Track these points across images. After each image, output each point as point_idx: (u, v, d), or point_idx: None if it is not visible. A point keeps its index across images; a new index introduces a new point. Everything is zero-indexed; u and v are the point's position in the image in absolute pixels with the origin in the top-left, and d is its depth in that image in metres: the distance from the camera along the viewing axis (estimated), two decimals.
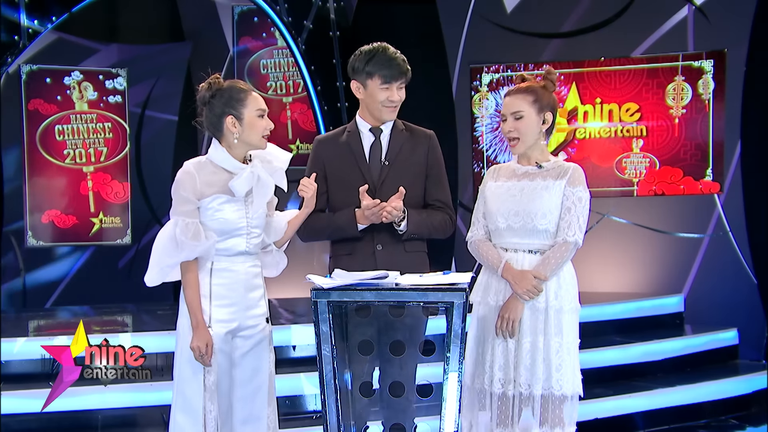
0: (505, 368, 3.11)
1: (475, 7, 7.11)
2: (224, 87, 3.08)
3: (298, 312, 6.03)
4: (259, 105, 3.08)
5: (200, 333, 2.99)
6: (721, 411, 5.32)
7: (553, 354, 3.09)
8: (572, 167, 3.18)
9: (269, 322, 3.18)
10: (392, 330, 3.09)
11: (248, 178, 3.05)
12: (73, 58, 7.85)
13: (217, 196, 3.03)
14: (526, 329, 3.11)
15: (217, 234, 3.04)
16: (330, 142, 3.40)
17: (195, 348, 2.98)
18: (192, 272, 3.03)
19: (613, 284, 6.72)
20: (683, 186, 6.59)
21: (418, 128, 3.40)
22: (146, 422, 4.45)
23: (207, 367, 3.00)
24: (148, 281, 3.10)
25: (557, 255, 3.10)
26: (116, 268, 7.82)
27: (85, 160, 7.84)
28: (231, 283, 3.07)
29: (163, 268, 3.05)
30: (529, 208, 3.12)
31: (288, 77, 8.21)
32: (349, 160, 3.31)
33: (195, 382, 3.01)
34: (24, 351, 4.65)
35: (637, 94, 6.74)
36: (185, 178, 3.03)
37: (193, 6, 8.26)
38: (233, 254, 3.07)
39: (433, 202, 3.33)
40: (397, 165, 3.29)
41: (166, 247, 3.01)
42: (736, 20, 6.34)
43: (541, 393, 3.07)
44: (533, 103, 3.18)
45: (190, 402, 3.01)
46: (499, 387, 3.11)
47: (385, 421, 3.11)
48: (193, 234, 2.99)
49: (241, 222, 3.06)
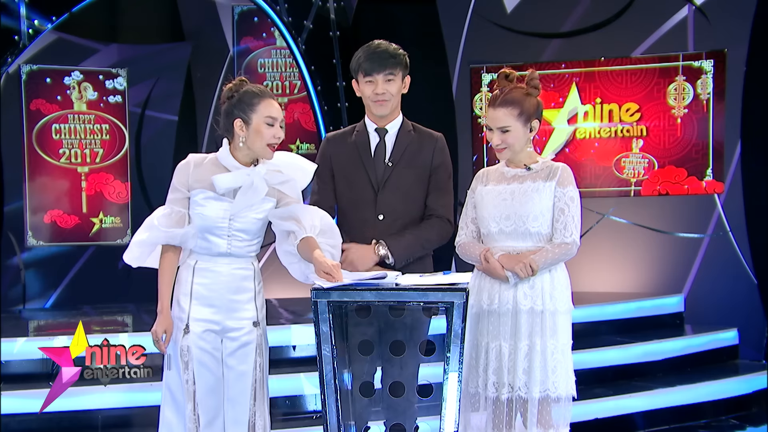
0: (498, 372, 3.11)
1: (475, 7, 7.11)
2: (243, 89, 3.10)
3: (298, 312, 6.03)
4: (270, 113, 3.06)
5: (161, 318, 3.02)
6: (721, 411, 5.32)
7: (549, 356, 3.08)
8: (561, 167, 3.17)
9: (258, 326, 3.13)
10: (393, 330, 3.10)
11: (235, 178, 3.05)
12: (73, 58, 7.84)
13: (202, 190, 3.06)
14: (523, 332, 3.09)
15: (198, 229, 3.06)
16: (338, 140, 3.39)
17: (153, 332, 3.02)
18: (167, 255, 3.06)
19: (613, 284, 6.72)
20: (687, 186, 6.59)
21: (426, 130, 3.38)
22: (146, 422, 4.44)
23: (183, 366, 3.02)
24: (126, 258, 3.13)
25: (555, 251, 3.09)
26: (116, 268, 7.79)
27: (80, 160, 7.83)
28: (211, 284, 3.07)
29: (139, 246, 3.08)
30: (520, 211, 3.12)
31: (285, 77, 8.21)
32: (355, 159, 3.31)
33: (178, 379, 3.06)
34: (24, 351, 4.65)
35: (637, 94, 6.74)
36: (181, 168, 3.11)
37: (193, 6, 8.25)
38: (214, 254, 3.08)
39: (431, 210, 3.30)
40: (400, 166, 3.28)
41: (145, 225, 3.08)
42: (736, 20, 6.34)
43: (538, 396, 3.07)
44: (519, 116, 3.13)
45: (174, 397, 3.07)
46: (493, 391, 3.11)
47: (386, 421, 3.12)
48: (176, 221, 3.04)
49: (221, 222, 3.05)
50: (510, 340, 3.10)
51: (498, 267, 3.10)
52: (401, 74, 3.28)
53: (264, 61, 8.22)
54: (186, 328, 3.05)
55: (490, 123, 3.18)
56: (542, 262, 3.08)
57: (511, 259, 3.10)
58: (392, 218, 3.26)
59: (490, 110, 3.20)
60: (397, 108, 3.34)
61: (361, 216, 3.28)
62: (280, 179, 3.12)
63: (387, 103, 3.27)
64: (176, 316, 3.08)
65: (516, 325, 3.10)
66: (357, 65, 3.27)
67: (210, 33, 8.22)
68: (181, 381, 3.04)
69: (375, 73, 3.23)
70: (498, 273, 3.11)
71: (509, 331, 3.11)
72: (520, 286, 3.11)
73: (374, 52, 3.24)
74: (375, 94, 3.25)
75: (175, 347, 3.06)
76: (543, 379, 3.07)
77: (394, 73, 3.24)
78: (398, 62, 3.25)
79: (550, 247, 3.10)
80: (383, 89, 3.24)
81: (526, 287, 3.11)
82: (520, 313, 3.10)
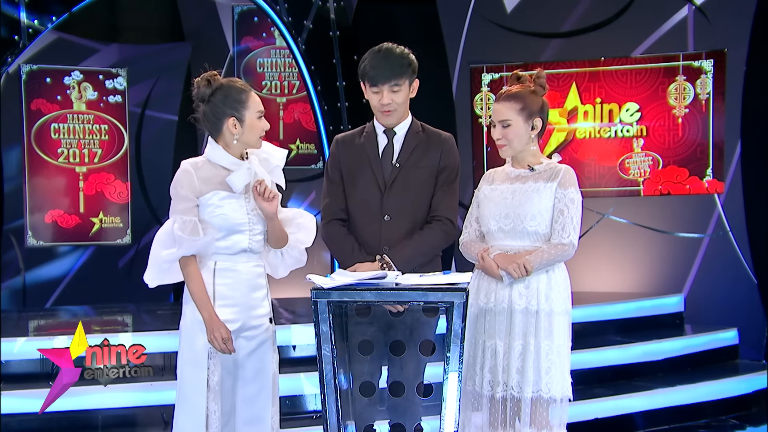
0: (493, 370, 3.11)
1: (475, 7, 7.11)
2: (224, 85, 3.06)
3: (298, 312, 6.03)
4: (259, 107, 3.08)
5: (216, 324, 2.98)
6: (721, 411, 5.32)
7: (543, 357, 3.08)
8: (564, 169, 3.17)
9: (272, 322, 3.17)
10: (394, 330, 3.10)
11: (246, 174, 3.05)
12: (73, 58, 7.84)
13: (216, 192, 3.03)
14: (517, 332, 3.10)
15: (220, 230, 3.03)
16: (347, 142, 3.36)
17: (215, 339, 2.96)
18: (192, 266, 3.01)
19: (613, 284, 6.72)
20: (689, 186, 6.59)
21: (434, 131, 3.34)
22: (146, 422, 4.45)
23: (210, 367, 2.99)
24: (148, 280, 3.09)
25: (550, 251, 3.10)
26: (116, 268, 7.81)
27: (78, 160, 7.83)
28: (234, 283, 3.06)
29: (161, 265, 3.03)
30: (519, 210, 3.13)
31: (284, 77, 8.21)
32: (363, 160, 3.28)
33: (197, 383, 3.00)
34: (24, 351, 4.64)
35: (638, 94, 6.74)
36: (183, 177, 3.04)
37: (193, 6, 8.26)
38: (235, 252, 3.06)
39: (434, 211, 3.26)
40: (407, 167, 3.25)
41: (164, 243, 3.01)
42: (736, 20, 6.34)
43: (531, 396, 3.07)
44: (521, 111, 3.15)
45: (191, 403, 3.00)
46: (488, 389, 3.11)
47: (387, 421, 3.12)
48: (191, 230, 2.99)
49: (242, 218, 3.05)
50: (505, 339, 3.11)
51: (493, 266, 3.11)
52: (408, 81, 3.23)
53: (263, 60, 8.22)
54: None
55: (493, 117, 3.21)
56: (537, 262, 3.08)
57: (506, 258, 3.11)
58: (398, 219, 3.23)
59: (495, 105, 3.22)
60: (406, 111, 3.30)
61: (368, 216, 3.25)
62: (269, 167, 3.15)
63: (393, 113, 3.24)
64: (198, 319, 3.03)
65: (510, 324, 3.11)
66: (363, 73, 3.23)
67: (210, 33, 8.23)
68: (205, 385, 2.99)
69: (380, 84, 3.18)
70: (493, 272, 3.12)
71: (504, 330, 3.12)
72: (515, 286, 3.11)
73: (380, 60, 3.18)
74: (381, 104, 3.22)
75: (198, 350, 3.02)
76: (536, 379, 3.07)
77: (399, 83, 3.19)
78: (404, 71, 3.19)
79: (546, 247, 3.11)
80: (389, 99, 3.20)
81: (521, 287, 3.11)
82: (515, 313, 3.11)
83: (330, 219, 3.29)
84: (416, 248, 3.19)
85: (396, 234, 3.21)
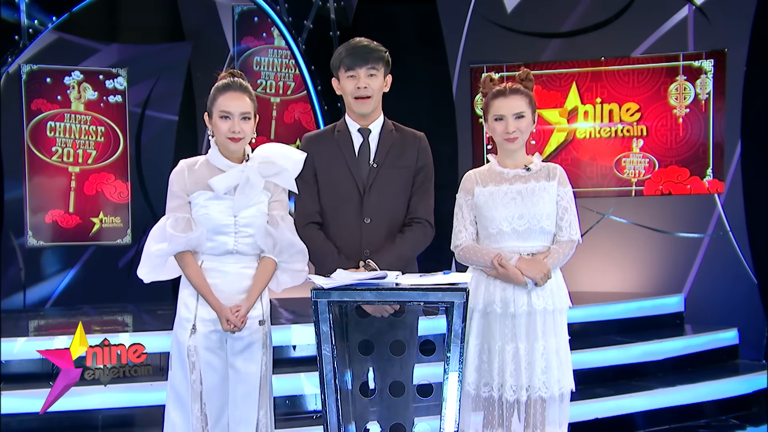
0: (516, 374, 3.13)
1: (475, 7, 7.11)
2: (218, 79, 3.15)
3: (298, 312, 6.03)
4: (225, 106, 3.07)
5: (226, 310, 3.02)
6: (721, 411, 5.31)
7: (563, 353, 3.17)
8: (558, 168, 3.26)
9: (264, 325, 3.14)
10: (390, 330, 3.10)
11: (230, 177, 3.05)
12: (73, 58, 7.84)
13: (202, 192, 3.06)
14: (539, 332, 3.13)
15: (207, 230, 3.06)
16: (320, 139, 3.30)
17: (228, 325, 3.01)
18: (190, 262, 3.06)
19: (613, 284, 6.72)
20: (690, 186, 6.59)
21: (408, 129, 3.31)
22: (146, 422, 4.44)
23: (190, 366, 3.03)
24: (140, 274, 3.13)
25: (564, 251, 3.17)
26: (116, 268, 7.81)
27: (72, 159, 7.82)
28: (220, 284, 3.07)
29: (152, 260, 3.08)
30: (534, 210, 3.16)
31: (280, 77, 8.20)
32: (339, 160, 3.22)
33: (183, 379, 3.05)
34: (24, 351, 4.64)
35: (638, 94, 6.74)
36: (176, 175, 3.10)
37: (193, 6, 8.26)
38: (221, 253, 3.07)
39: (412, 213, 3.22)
40: (385, 168, 3.21)
41: (156, 238, 3.07)
42: (736, 20, 6.34)
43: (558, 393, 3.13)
44: (529, 105, 3.23)
45: (180, 398, 3.06)
46: (511, 393, 3.13)
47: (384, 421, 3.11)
48: (183, 227, 3.04)
49: (226, 220, 3.06)
50: (524, 341, 3.13)
51: (518, 273, 3.11)
52: (383, 71, 3.21)
53: (260, 59, 8.21)
54: (193, 328, 3.05)
55: (503, 111, 3.19)
56: (553, 265, 3.15)
57: (531, 266, 3.11)
58: (378, 221, 3.18)
59: (500, 100, 3.21)
60: (379, 107, 3.26)
61: (347, 219, 3.19)
62: (273, 171, 3.12)
63: (369, 101, 3.20)
64: (183, 317, 3.08)
65: (531, 325, 3.14)
66: (338, 61, 3.20)
67: (210, 33, 8.23)
68: (187, 381, 3.04)
69: (357, 67, 3.16)
70: (518, 279, 3.12)
71: (523, 332, 3.14)
72: (532, 288, 3.15)
73: (356, 47, 3.18)
74: (357, 89, 3.17)
75: (181, 347, 3.06)
76: (560, 377, 3.14)
77: (376, 68, 3.18)
78: (380, 57, 3.19)
79: (557, 246, 3.16)
80: (365, 83, 3.17)
81: (537, 288, 3.15)
82: (535, 314, 3.14)
83: (306, 222, 3.21)
84: (399, 253, 3.15)
85: (376, 237, 3.16)
